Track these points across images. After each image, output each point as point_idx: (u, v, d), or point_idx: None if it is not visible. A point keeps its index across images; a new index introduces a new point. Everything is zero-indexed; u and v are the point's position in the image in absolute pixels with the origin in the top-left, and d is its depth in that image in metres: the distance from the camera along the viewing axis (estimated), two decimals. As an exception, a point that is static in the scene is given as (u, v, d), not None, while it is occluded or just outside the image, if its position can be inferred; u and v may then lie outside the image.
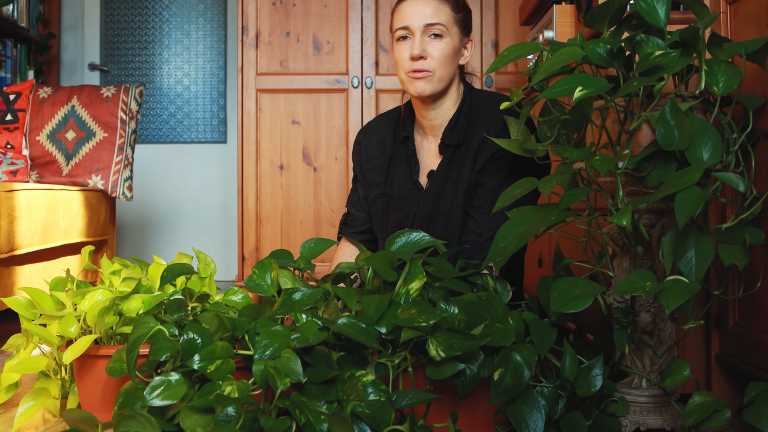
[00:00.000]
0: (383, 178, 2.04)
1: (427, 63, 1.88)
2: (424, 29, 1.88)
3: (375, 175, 2.05)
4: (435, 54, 1.89)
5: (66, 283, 1.80)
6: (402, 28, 1.90)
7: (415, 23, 1.89)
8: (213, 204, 4.70)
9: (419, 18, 1.88)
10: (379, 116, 2.13)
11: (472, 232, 1.88)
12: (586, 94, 1.37)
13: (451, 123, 1.94)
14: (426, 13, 1.89)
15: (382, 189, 2.04)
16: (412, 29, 1.89)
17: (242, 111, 3.75)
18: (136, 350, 1.44)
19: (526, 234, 1.47)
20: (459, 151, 1.93)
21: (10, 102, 3.41)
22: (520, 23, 3.28)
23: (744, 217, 1.41)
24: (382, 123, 2.10)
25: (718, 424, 1.37)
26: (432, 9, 1.89)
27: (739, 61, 1.56)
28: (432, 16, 1.89)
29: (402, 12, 1.92)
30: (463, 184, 1.91)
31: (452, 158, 1.93)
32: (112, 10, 4.72)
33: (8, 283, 2.63)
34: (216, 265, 2.53)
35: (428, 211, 1.94)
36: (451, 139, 1.93)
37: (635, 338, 1.52)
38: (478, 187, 1.90)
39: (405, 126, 2.03)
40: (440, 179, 1.94)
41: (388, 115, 2.11)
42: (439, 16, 1.89)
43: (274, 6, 3.79)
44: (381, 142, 2.06)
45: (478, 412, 1.52)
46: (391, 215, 2.02)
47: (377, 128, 2.09)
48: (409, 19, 1.89)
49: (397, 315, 1.46)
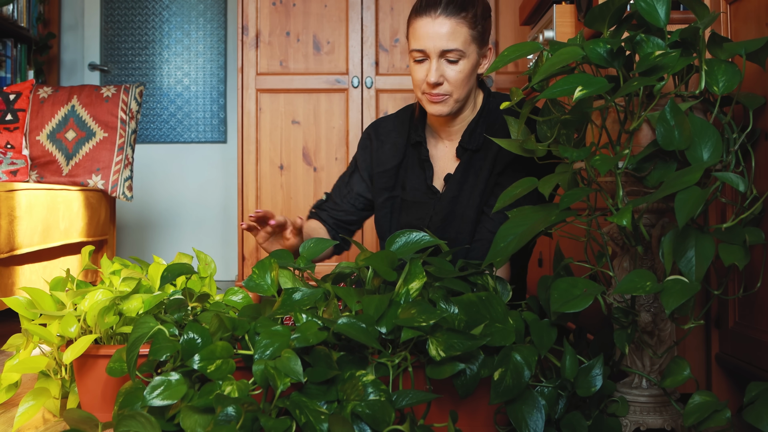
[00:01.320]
0: (393, 182, 2.02)
1: (444, 87, 1.85)
2: (441, 54, 1.83)
3: (385, 179, 2.02)
4: (452, 78, 1.84)
5: (66, 283, 1.80)
6: (418, 51, 1.85)
7: (430, 48, 1.83)
8: (213, 204, 4.70)
9: (435, 42, 1.82)
10: (392, 117, 2.10)
11: (486, 231, 1.89)
12: (586, 94, 1.37)
13: (470, 127, 1.93)
14: (442, 35, 1.82)
15: (391, 192, 2.02)
16: (428, 53, 1.83)
17: (242, 111, 3.75)
18: (136, 350, 1.44)
19: (526, 234, 1.47)
20: (477, 155, 1.92)
21: (10, 102, 3.41)
22: (520, 23, 3.28)
23: (744, 217, 1.41)
24: (396, 126, 2.06)
25: (718, 424, 1.37)
26: (449, 31, 1.82)
27: (739, 61, 1.56)
28: (448, 40, 1.82)
29: (417, 32, 1.85)
30: (480, 186, 1.90)
31: (470, 162, 1.92)
32: (112, 10, 4.72)
33: (8, 283, 2.63)
34: (216, 265, 2.54)
35: (444, 214, 1.93)
36: (470, 143, 1.92)
37: (635, 338, 1.52)
38: (495, 188, 1.90)
39: (417, 130, 2.00)
40: (458, 183, 1.93)
41: (401, 117, 2.08)
42: (456, 40, 1.82)
43: (274, 6, 3.79)
44: (393, 146, 2.03)
45: (478, 412, 1.52)
46: (403, 218, 2.00)
47: (390, 132, 2.06)
48: (425, 42, 1.83)
49: (397, 315, 1.46)
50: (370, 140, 2.07)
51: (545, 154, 1.61)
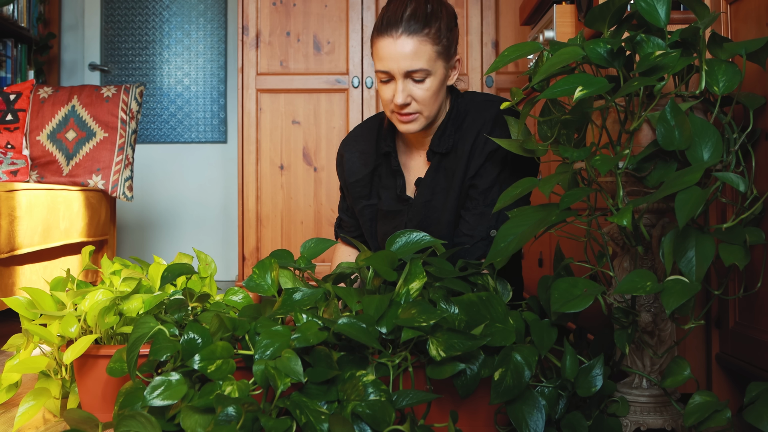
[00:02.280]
0: (368, 191, 2.00)
1: (413, 107, 1.80)
2: (405, 74, 1.78)
3: (359, 188, 2.01)
4: (420, 96, 1.79)
5: (66, 283, 1.80)
6: (382, 72, 1.80)
7: (394, 69, 1.77)
8: (213, 204, 4.70)
9: (399, 63, 1.76)
10: (359, 127, 2.07)
11: (462, 234, 1.86)
12: (586, 94, 1.37)
13: (440, 131, 1.89)
14: (405, 56, 1.76)
15: (368, 200, 2.00)
16: (393, 74, 1.78)
17: (242, 111, 3.75)
18: (137, 350, 1.44)
19: (527, 234, 1.47)
20: (448, 157, 1.89)
21: (10, 102, 3.41)
22: (521, 23, 3.28)
23: (744, 217, 1.41)
24: (363, 134, 2.04)
25: (718, 424, 1.37)
26: (412, 50, 1.76)
27: (739, 61, 1.56)
28: (412, 60, 1.76)
29: (380, 52, 1.79)
30: (455, 190, 1.87)
31: (440, 164, 1.90)
32: (112, 10, 4.72)
33: (8, 283, 2.63)
34: (216, 265, 2.53)
35: (419, 220, 1.91)
36: (440, 146, 1.88)
37: (635, 338, 1.52)
38: (470, 189, 1.87)
39: (386, 140, 1.96)
40: (428, 187, 1.91)
41: (369, 125, 2.05)
42: (419, 60, 1.76)
43: (274, 6, 3.79)
44: (362, 155, 2.01)
45: (479, 412, 1.52)
46: (380, 227, 1.99)
47: (358, 140, 2.04)
48: (388, 63, 1.78)
49: (398, 315, 1.46)
50: (342, 156, 2.05)
51: (545, 155, 1.61)
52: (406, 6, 1.80)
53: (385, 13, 1.82)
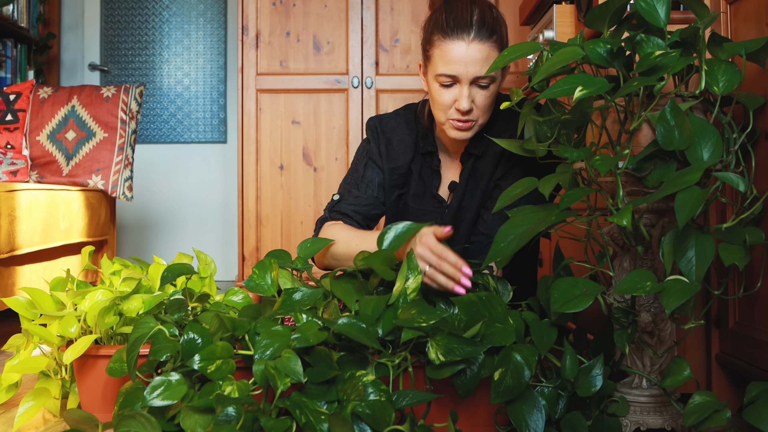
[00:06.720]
0: (403, 181, 1.96)
1: (473, 114, 1.76)
2: (473, 80, 1.73)
3: (396, 176, 1.95)
4: (481, 103, 1.76)
5: (66, 283, 1.80)
6: (447, 75, 1.73)
7: (463, 74, 1.72)
8: (213, 204, 4.70)
9: (469, 69, 1.72)
10: (395, 117, 2.00)
11: (479, 233, 1.86)
12: (586, 94, 1.37)
13: (477, 134, 1.85)
14: (477, 62, 1.71)
15: (401, 190, 1.96)
16: (460, 79, 1.73)
17: (242, 111, 3.75)
18: (137, 350, 1.44)
19: (527, 234, 1.47)
20: (480, 159, 1.89)
21: (10, 102, 3.41)
22: (520, 23, 3.28)
23: (744, 216, 1.41)
24: (400, 125, 1.98)
25: (718, 423, 1.37)
26: (483, 57, 1.72)
27: (739, 61, 1.56)
28: (482, 67, 1.72)
29: (448, 56, 1.73)
30: (481, 190, 1.87)
31: (474, 167, 1.89)
32: (112, 10, 4.72)
33: (8, 283, 2.63)
34: (216, 265, 2.54)
35: (450, 221, 1.90)
36: (477, 149, 1.87)
37: (635, 338, 1.52)
38: (494, 190, 1.87)
39: (428, 139, 1.93)
40: (462, 189, 1.90)
41: (404, 116, 1.99)
42: (488, 66, 1.72)
43: (274, 6, 3.79)
44: (401, 143, 1.96)
45: (479, 412, 1.52)
46: None
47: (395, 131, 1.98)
48: (457, 68, 1.72)
49: (397, 315, 1.46)
50: (378, 134, 1.97)
51: (545, 154, 1.61)
52: (472, 9, 1.76)
53: (449, 14, 1.76)
